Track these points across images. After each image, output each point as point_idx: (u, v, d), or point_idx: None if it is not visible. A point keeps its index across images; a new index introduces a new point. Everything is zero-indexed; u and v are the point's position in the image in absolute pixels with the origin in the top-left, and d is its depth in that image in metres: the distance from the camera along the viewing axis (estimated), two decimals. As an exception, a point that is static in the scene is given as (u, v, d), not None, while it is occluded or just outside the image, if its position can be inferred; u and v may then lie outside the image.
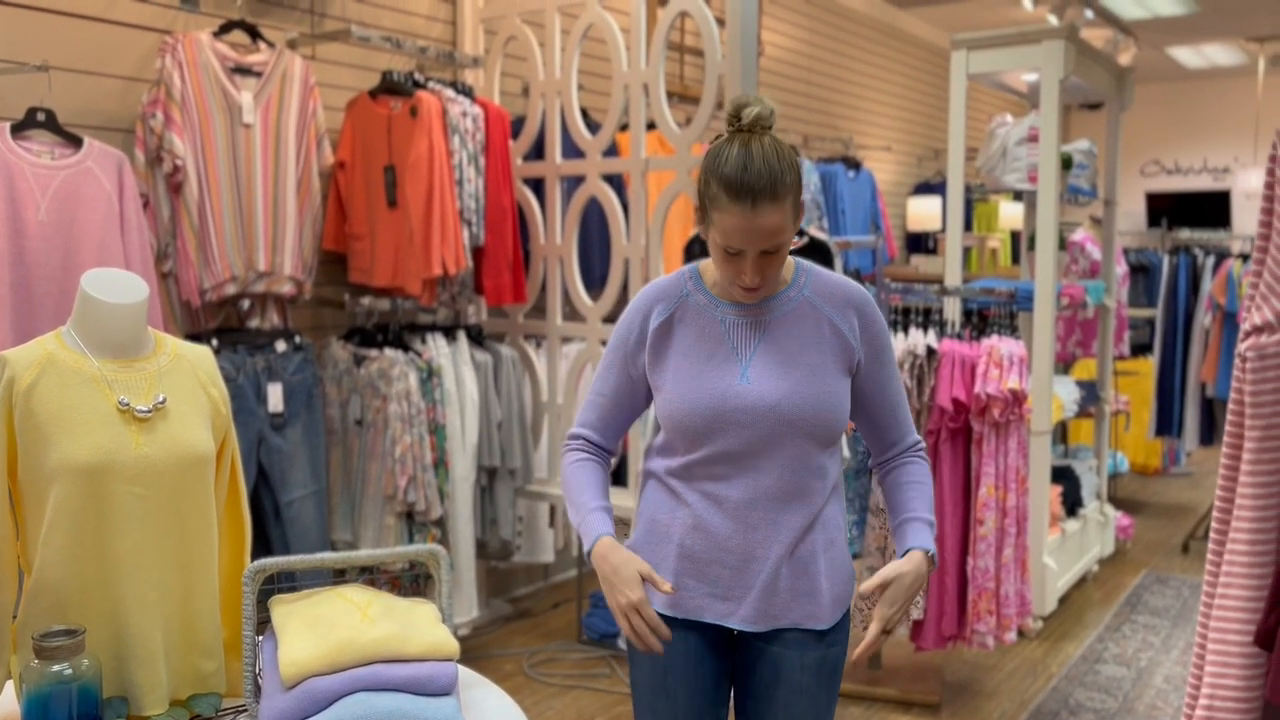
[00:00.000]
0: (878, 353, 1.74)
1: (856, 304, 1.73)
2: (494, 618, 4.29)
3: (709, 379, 1.67)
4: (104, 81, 3.09)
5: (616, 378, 1.78)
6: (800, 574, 1.70)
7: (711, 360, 1.68)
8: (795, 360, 1.67)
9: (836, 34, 7.05)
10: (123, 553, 1.54)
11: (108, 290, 1.61)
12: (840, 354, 1.70)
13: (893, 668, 3.81)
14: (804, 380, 1.65)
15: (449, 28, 4.16)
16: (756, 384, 1.65)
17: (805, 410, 1.64)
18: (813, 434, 1.66)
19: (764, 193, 1.53)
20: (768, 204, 1.53)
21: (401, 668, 1.54)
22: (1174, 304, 6.06)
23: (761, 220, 1.54)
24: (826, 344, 1.69)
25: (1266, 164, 1.36)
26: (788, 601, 1.69)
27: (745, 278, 1.60)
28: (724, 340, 1.69)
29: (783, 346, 1.67)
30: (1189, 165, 10.79)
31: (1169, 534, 5.79)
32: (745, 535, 1.68)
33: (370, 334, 3.61)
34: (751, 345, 1.68)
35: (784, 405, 1.64)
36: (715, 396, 1.65)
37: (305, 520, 3.27)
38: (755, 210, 1.53)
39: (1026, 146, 4.47)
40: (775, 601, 1.69)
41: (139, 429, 1.56)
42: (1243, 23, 8.18)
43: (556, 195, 3.93)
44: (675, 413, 1.68)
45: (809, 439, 1.66)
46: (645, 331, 1.74)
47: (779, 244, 1.58)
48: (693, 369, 1.68)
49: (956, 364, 3.41)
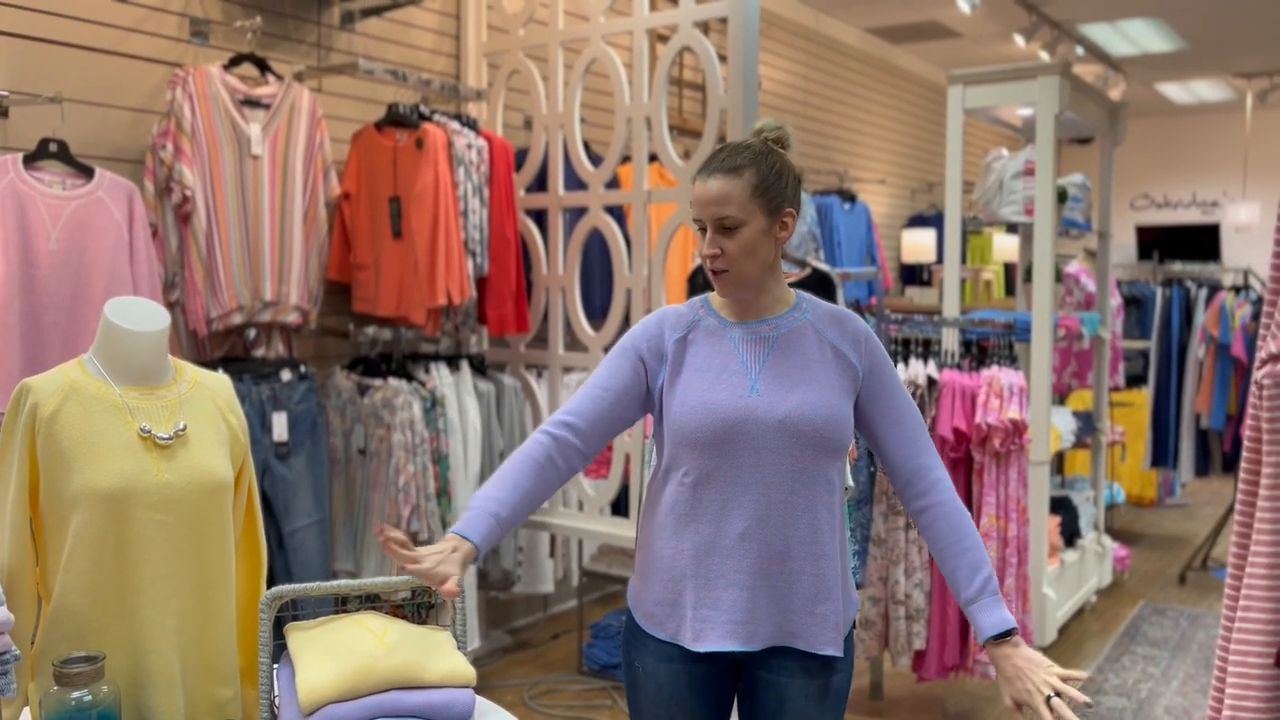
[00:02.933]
0: (880, 364, 1.77)
1: (857, 330, 1.78)
2: (494, 649, 4.27)
3: (719, 392, 1.70)
4: (115, 113, 3.12)
5: (612, 375, 1.75)
6: (815, 593, 1.70)
7: (722, 375, 1.71)
8: (802, 375, 1.71)
9: (833, 69, 7.14)
10: (143, 579, 1.55)
11: (130, 318, 1.62)
12: (844, 372, 1.74)
13: (895, 698, 3.81)
14: (810, 393, 1.69)
15: (453, 61, 4.21)
16: (766, 396, 1.69)
17: (814, 421, 1.67)
18: (821, 446, 1.68)
19: (722, 164, 1.69)
20: (721, 173, 1.68)
21: (420, 694, 1.55)
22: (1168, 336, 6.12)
23: (713, 186, 1.67)
24: (830, 362, 1.74)
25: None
26: (804, 621, 1.70)
27: (708, 249, 1.69)
28: (734, 356, 1.73)
29: (790, 362, 1.72)
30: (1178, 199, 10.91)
31: (1166, 565, 5.80)
32: (759, 552, 1.68)
33: (374, 363, 3.62)
34: (760, 361, 1.72)
35: (792, 416, 1.67)
36: (726, 407, 1.68)
37: (308, 550, 3.27)
38: (709, 176, 1.68)
39: (1023, 180, 4.53)
40: (792, 619, 1.69)
41: (160, 456, 1.57)
42: (1230, 60, 8.31)
43: (559, 226, 3.96)
44: (686, 424, 1.69)
45: (817, 451, 1.68)
46: (663, 342, 1.76)
47: (731, 219, 1.67)
48: (703, 383, 1.71)
49: (957, 394, 3.44)
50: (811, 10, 6.84)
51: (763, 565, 1.68)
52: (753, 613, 1.69)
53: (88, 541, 1.51)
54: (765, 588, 1.69)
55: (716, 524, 1.69)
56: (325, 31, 3.72)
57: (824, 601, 1.70)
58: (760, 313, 1.76)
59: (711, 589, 1.70)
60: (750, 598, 1.68)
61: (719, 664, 1.76)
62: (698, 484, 1.70)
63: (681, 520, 1.72)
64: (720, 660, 1.76)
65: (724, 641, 1.69)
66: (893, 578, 3.46)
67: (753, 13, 3.41)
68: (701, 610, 1.70)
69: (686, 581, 1.71)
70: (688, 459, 1.71)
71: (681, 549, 1.72)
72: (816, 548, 1.70)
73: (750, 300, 1.76)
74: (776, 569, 1.69)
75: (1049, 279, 4.25)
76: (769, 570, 1.68)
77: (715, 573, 1.70)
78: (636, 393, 1.76)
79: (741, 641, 1.69)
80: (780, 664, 1.73)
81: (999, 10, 6.79)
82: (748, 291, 1.73)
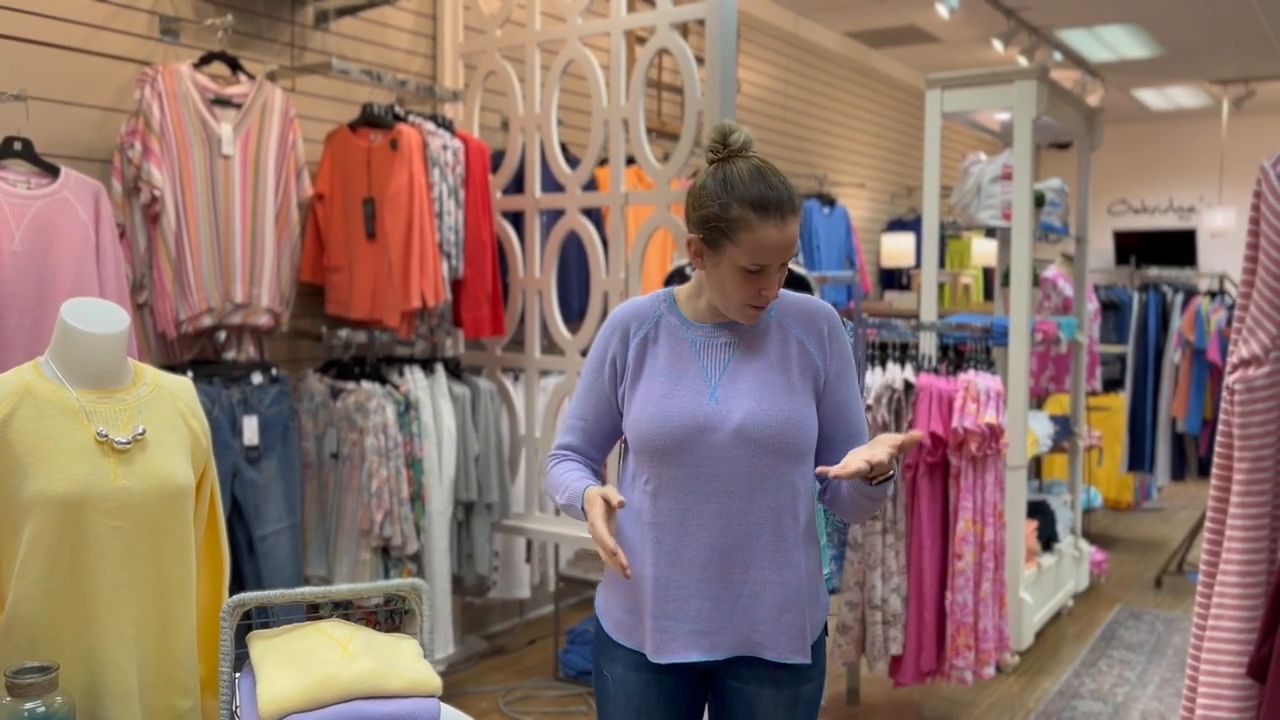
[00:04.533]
0: (840, 370, 1.75)
1: (824, 319, 1.75)
2: (469, 654, 4.24)
3: (678, 398, 1.67)
4: (82, 112, 3.07)
5: (597, 399, 1.77)
6: (780, 601, 1.67)
7: (682, 380, 1.68)
8: (764, 380, 1.68)
9: (812, 73, 7.14)
10: (99, 587, 1.51)
11: (87, 320, 1.59)
12: (807, 372, 1.71)
13: (871, 704, 3.80)
14: (771, 399, 1.66)
15: (429, 62, 4.17)
16: (725, 403, 1.66)
17: (771, 427, 1.64)
18: (781, 452, 1.65)
19: (788, 204, 1.61)
20: (791, 215, 1.61)
21: (384, 704, 1.51)
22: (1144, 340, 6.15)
23: (790, 230, 1.60)
24: (794, 363, 1.70)
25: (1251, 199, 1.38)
26: (769, 630, 1.67)
27: (769, 291, 1.63)
28: (695, 360, 1.70)
29: (753, 367, 1.69)
30: (1155, 204, 10.98)
31: (1142, 569, 5.82)
32: (721, 562, 1.65)
33: (347, 366, 3.58)
34: (722, 366, 1.69)
35: (749, 423, 1.64)
36: (684, 414, 1.65)
37: (279, 555, 3.22)
38: (784, 222, 1.60)
39: (1001, 184, 4.54)
40: (757, 629, 1.67)
41: (118, 461, 1.53)
42: (1206, 66, 8.37)
43: (536, 229, 3.94)
44: (644, 431, 1.67)
45: (777, 457, 1.66)
46: (625, 345, 1.74)
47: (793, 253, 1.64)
48: (663, 389, 1.68)
49: (934, 398, 3.43)
50: (791, 14, 6.84)
51: (725, 575, 1.66)
52: (715, 623, 1.66)
53: (42, 549, 1.47)
54: (728, 597, 1.66)
55: (678, 533, 1.67)
56: (299, 31, 3.68)
57: (789, 610, 1.68)
58: (726, 315, 1.73)
59: (674, 599, 1.67)
60: (713, 608, 1.66)
61: (687, 673, 1.74)
62: (658, 492, 1.68)
63: (644, 529, 1.70)
64: (689, 670, 1.73)
65: (686, 652, 1.66)
66: (869, 583, 3.44)
67: (730, 15, 3.40)
68: (663, 621, 1.67)
69: (649, 591, 1.69)
70: (648, 467, 1.69)
71: (644, 558, 1.70)
72: (780, 555, 1.67)
73: None
74: (740, 578, 1.66)
75: (1026, 283, 4.26)
76: (732, 580, 1.66)
77: (677, 583, 1.67)
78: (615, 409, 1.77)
79: (704, 652, 1.67)
80: (750, 673, 1.70)
81: (978, 15, 6.81)
82: None
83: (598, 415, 1.78)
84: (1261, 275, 1.35)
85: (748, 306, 1.65)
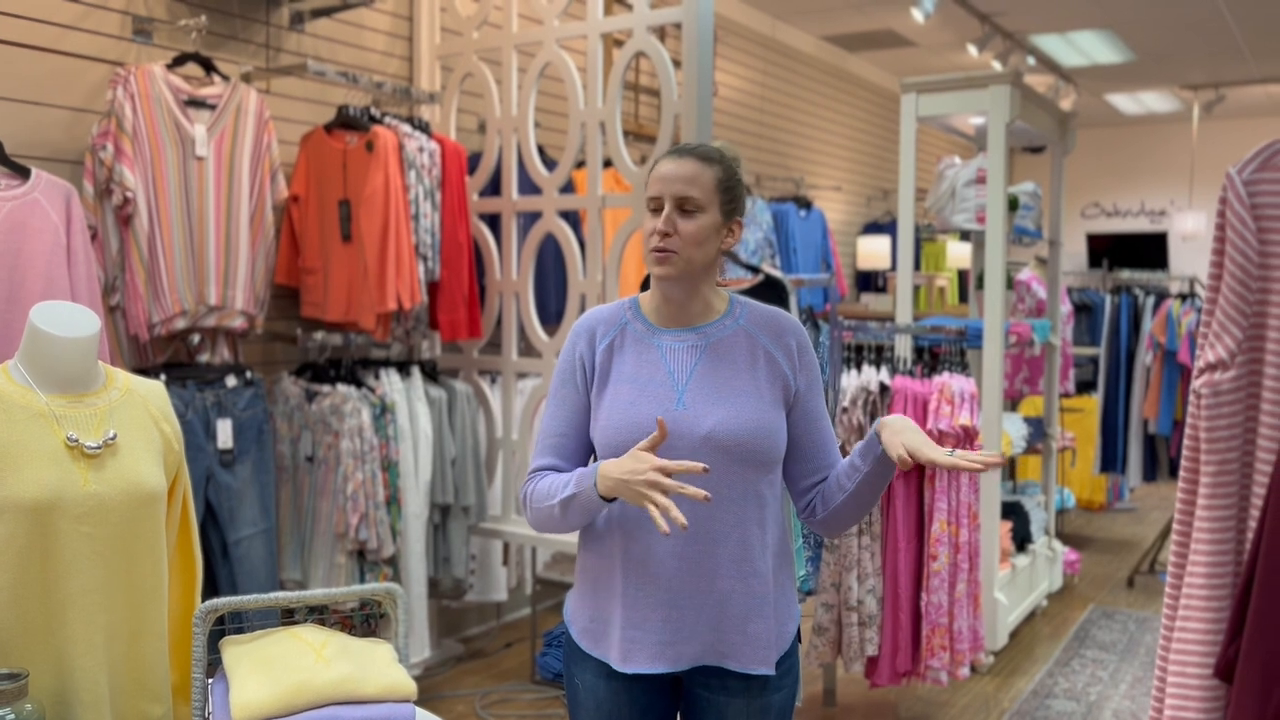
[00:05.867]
0: (811, 384, 1.75)
1: (793, 333, 1.75)
2: (445, 658, 4.22)
3: (645, 404, 1.66)
4: (53, 112, 3.04)
5: (571, 410, 1.74)
6: (745, 612, 1.66)
7: (648, 386, 1.67)
8: (731, 386, 1.67)
9: (788, 76, 7.17)
10: (69, 594, 1.50)
11: (57, 324, 1.57)
12: (775, 381, 1.70)
13: (847, 705, 3.81)
14: (739, 406, 1.66)
15: (405, 64, 4.16)
16: (692, 409, 1.65)
17: (740, 435, 1.64)
18: (748, 460, 1.65)
19: (693, 151, 1.69)
20: (691, 157, 1.67)
21: (358, 709, 1.51)
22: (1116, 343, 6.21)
23: (684, 166, 1.66)
24: (762, 371, 1.70)
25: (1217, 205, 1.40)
26: (735, 641, 1.66)
27: (667, 232, 1.65)
28: (660, 366, 1.69)
29: (719, 373, 1.68)
30: (1127, 208, 11.09)
31: (1115, 569, 5.87)
32: (688, 571, 1.64)
33: (322, 369, 3.56)
34: (688, 371, 1.68)
35: (718, 430, 1.63)
36: (652, 420, 1.64)
37: (254, 559, 3.20)
38: (680, 158, 1.67)
39: (975, 188, 4.57)
40: (723, 639, 1.66)
41: (88, 466, 1.52)
42: (1177, 71, 8.47)
43: (513, 231, 3.93)
44: (612, 439, 1.66)
45: (745, 466, 1.65)
46: (592, 352, 1.73)
47: (694, 201, 1.65)
48: (629, 395, 1.67)
49: (909, 400, 3.45)
50: (768, 17, 6.86)
51: (691, 584, 1.65)
52: (681, 633, 1.65)
53: (11, 555, 1.46)
54: (694, 607, 1.65)
55: (644, 542, 1.65)
56: (274, 32, 3.66)
57: (756, 620, 1.67)
58: (691, 320, 1.73)
59: (639, 609, 1.66)
60: (679, 617, 1.65)
61: (656, 682, 1.73)
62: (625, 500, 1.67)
63: (611, 537, 1.69)
64: (657, 679, 1.72)
65: (652, 663, 1.66)
66: (845, 584, 3.46)
67: (707, 19, 3.41)
68: (629, 630, 1.67)
69: (615, 600, 1.68)
70: None
71: (611, 567, 1.69)
72: (746, 565, 1.66)
73: (682, 301, 1.71)
74: (705, 588, 1.65)
75: (1000, 286, 4.29)
76: (698, 589, 1.65)
77: (643, 592, 1.66)
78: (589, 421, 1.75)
79: (669, 663, 1.66)
80: (719, 684, 1.70)
81: (952, 20, 6.86)
82: (684, 285, 1.70)
83: (576, 427, 1.74)
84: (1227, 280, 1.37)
85: (651, 252, 1.67)
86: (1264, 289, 1.37)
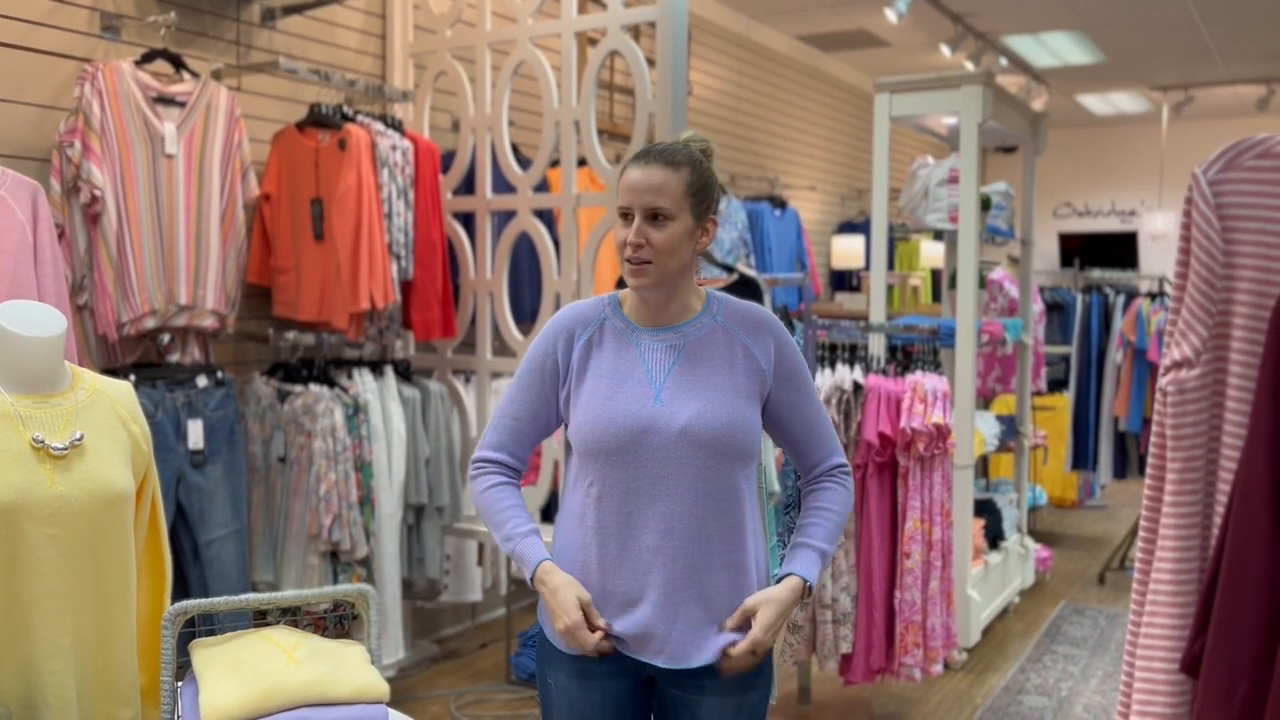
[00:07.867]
0: (791, 375, 1.75)
1: (768, 328, 1.76)
2: (420, 659, 4.20)
3: (622, 400, 1.67)
4: (19, 109, 3.00)
5: (532, 400, 1.77)
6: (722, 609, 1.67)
7: (626, 383, 1.68)
8: (708, 382, 1.68)
9: (763, 75, 7.19)
10: (36, 596, 1.48)
11: (23, 323, 1.55)
12: (752, 376, 1.71)
13: (822, 702, 3.83)
14: (715, 401, 1.67)
15: (378, 61, 4.14)
16: (669, 405, 1.66)
17: (715, 429, 1.65)
18: (725, 454, 1.66)
19: (660, 154, 1.67)
20: (658, 162, 1.66)
21: (331, 711, 1.50)
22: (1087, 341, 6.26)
23: (651, 174, 1.64)
24: (739, 367, 1.71)
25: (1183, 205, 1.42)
26: (711, 637, 1.67)
27: (636, 243, 1.65)
28: (639, 363, 1.70)
29: (696, 370, 1.69)
30: (1098, 208, 11.20)
31: (1086, 565, 5.93)
32: (664, 567, 1.65)
33: (295, 369, 3.54)
34: (665, 368, 1.69)
35: (694, 425, 1.64)
36: (629, 416, 1.65)
37: (225, 561, 3.17)
38: (648, 165, 1.65)
39: (947, 188, 4.60)
40: (699, 635, 1.66)
41: (54, 467, 1.50)
42: (1147, 73, 8.56)
43: (487, 230, 3.92)
44: (589, 434, 1.67)
45: (721, 460, 1.66)
46: (570, 349, 1.73)
47: (663, 210, 1.64)
48: (607, 391, 1.68)
49: (882, 399, 3.47)
50: (742, 17, 6.88)
51: (671, 580, 1.65)
52: (658, 630, 1.66)
53: (-25, 557, 1.44)
54: (671, 604, 1.65)
55: (622, 538, 1.66)
56: (245, 29, 3.63)
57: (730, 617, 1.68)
58: (670, 319, 1.73)
59: (617, 606, 1.67)
60: (655, 614, 1.65)
61: (631, 680, 1.73)
62: (602, 496, 1.67)
63: (588, 533, 1.69)
64: (632, 677, 1.73)
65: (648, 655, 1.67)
66: (820, 582, 3.47)
67: (681, 18, 3.41)
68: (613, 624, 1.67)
69: (602, 602, 1.68)
70: (592, 470, 1.68)
71: (589, 564, 1.69)
72: (722, 559, 1.67)
73: (661, 303, 1.72)
74: (683, 583, 1.66)
75: (973, 285, 4.32)
76: (677, 585, 1.65)
77: (622, 590, 1.66)
78: (550, 412, 1.77)
79: (669, 659, 1.67)
80: (694, 682, 1.70)
81: (926, 21, 6.90)
82: (661, 290, 1.70)
83: (533, 415, 1.78)
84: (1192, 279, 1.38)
85: (625, 263, 1.68)
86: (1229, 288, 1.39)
